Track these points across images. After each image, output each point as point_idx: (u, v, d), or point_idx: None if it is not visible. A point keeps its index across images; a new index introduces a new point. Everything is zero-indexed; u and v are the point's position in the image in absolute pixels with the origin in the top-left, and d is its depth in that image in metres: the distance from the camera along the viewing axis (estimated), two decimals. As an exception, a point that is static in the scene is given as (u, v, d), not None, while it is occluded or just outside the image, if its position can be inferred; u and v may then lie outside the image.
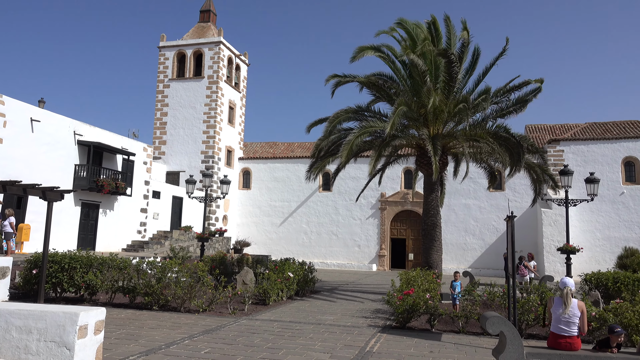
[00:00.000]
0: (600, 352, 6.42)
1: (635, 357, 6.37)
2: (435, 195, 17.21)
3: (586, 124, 32.11)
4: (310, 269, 16.81)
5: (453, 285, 12.84)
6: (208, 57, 33.50)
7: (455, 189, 30.59)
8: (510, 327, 6.49)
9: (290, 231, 34.17)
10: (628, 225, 27.89)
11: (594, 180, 16.48)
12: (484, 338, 9.64)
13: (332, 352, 8.12)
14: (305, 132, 18.29)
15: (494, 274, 28.08)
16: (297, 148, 36.73)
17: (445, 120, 16.63)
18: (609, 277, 13.91)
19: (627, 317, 9.02)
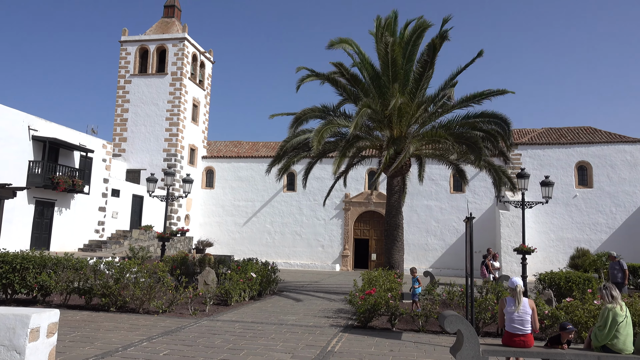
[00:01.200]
0: (552, 349, 6.67)
1: (584, 352, 6.65)
2: (398, 196, 17.46)
3: (542, 129, 33.30)
4: (274, 269, 16.75)
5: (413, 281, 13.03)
6: (172, 53, 32.89)
7: (417, 190, 31.14)
8: (467, 325, 6.66)
9: (254, 231, 33.95)
10: (580, 227, 29.09)
11: (548, 183, 17.08)
12: (443, 336, 9.85)
13: (294, 352, 8.12)
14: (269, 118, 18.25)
15: (454, 273, 28.73)
16: (262, 147, 36.53)
17: (409, 122, 16.90)
18: (562, 276, 14.46)
19: (577, 315, 9.40)
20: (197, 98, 34.77)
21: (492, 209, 30.57)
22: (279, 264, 31.32)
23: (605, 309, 6.61)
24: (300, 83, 17.56)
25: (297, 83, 17.57)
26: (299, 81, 17.54)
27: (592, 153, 29.54)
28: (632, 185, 28.69)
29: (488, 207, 30.70)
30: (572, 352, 6.55)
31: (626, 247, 27.15)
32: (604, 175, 29.21)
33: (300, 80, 17.51)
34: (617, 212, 28.75)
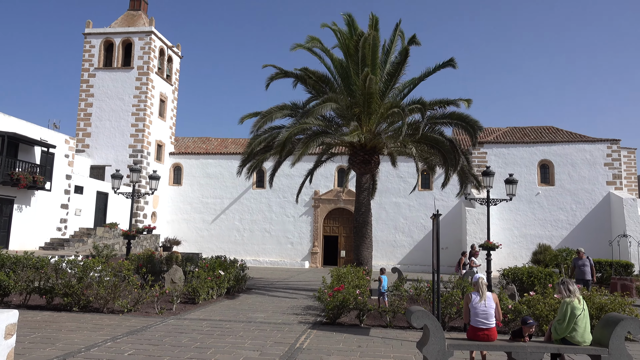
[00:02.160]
0: (514, 342, 6.86)
1: (544, 345, 6.86)
2: (367, 194, 17.59)
3: (507, 128, 34.16)
4: (242, 266, 16.64)
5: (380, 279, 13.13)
6: (138, 47, 32.16)
7: (386, 187, 31.49)
8: (433, 320, 6.77)
9: (223, 228, 33.62)
10: (542, 223, 30.00)
11: (512, 181, 17.53)
12: (410, 332, 10.00)
13: (262, 349, 8.09)
14: (238, 123, 18.07)
15: (421, 269, 29.17)
16: (231, 144, 36.18)
17: (378, 120, 17.03)
18: (524, 271, 14.89)
19: (538, 309, 9.69)
20: (165, 93, 34.13)
21: (458, 206, 31.17)
22: (248, 261, 31.13)
23: (564, 303, 6.84)
24: (269, 81, 17.47)
25: (266, 81, 17.48)
26: (268, 79, 17.45)
27: (554, 152, 30.47)
28: (591, 183, 29.76)
29: (455, 204, 31.29)
30: (533, 344, 6.76)
31: (585, 243, 28.13)
32: (565, 173, 30.19)
33: (270, 79, 17.43)
34: (577, 209, 29.77)
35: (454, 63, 16.29)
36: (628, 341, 9.11)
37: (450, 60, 16.38)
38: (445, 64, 16.52)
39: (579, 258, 14.98)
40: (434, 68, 16.83)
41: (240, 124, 18.14)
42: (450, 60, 16.39)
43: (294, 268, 30.90)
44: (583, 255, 15.07)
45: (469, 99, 16.56)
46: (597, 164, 29.87)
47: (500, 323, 7.04)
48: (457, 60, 16.41)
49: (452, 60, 16.33)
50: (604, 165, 29.78)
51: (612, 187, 29.47)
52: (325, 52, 17.31)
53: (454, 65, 16.34)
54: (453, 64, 16.32)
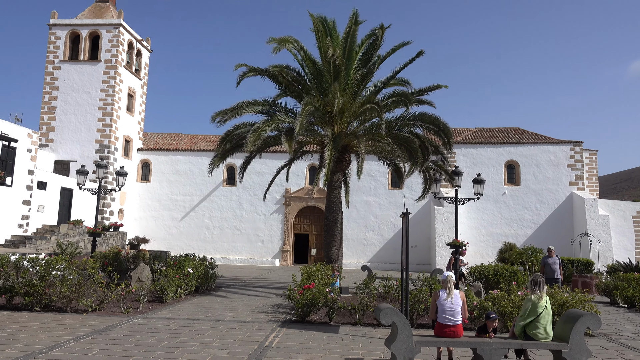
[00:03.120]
0: (479, 338, 7.01)
1: (508, 341, 7.04)
2: (338, 192, 17.65)
3: (475, 129, 34.84)
4: (212, 264, 16.46)
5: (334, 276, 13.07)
6: (106, 39, 31.36)
7: (357, 186, 31.66)
8: (401, 317, 6.86)
9: (192, 226, 33.17)
10: (508, 222, 30.74)
11: (480, 180, 17.90)
12: (379, 329, 10.09)
13: (231, 348, 8.02)
14: (210, 121, 17.83)
15: (391, 267, 29.48)
16: (201, 141, 35.73)
17: (350, 119, 17.11)
18: (490, 269, 15.23)
19: (503, 306, 9.93)
20: (133, 87, 33.41)
21: (428, 205, 31.62)
22: (217, 259, 30.80)
23: (528, 299, 7.03)
24: (240, 79, 17.27)
25: (237, 78, 17.27)
26: (239, 76, 17.24)
27: (520, 153, 31.25)
28: (555, 183, 30.66)
29: (424, 202, 31.71)
30: (497, 340, 6.92)
31: (548, 241, 28.94)
32: (530, 173, 31.00)
33: (241, 76, 17.23)
34: (541, 209, 30.62)
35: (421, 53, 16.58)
36: (587, 336, 9.42)
37: (419, 53, 16.65)
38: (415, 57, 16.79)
39: (549, 256, 14.88)
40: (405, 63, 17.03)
41: (213, 122, 17.92)
42: (419, 53, 16.66)
43: (265, 266, 30.76)
44: (553, 253, 14.99)
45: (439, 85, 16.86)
46: (560, 165, 30.79)
47: (467, 320, 7.18)
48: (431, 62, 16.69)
49: (420, 52, 16.61)
50: (567, 166, 30.72)
51: (575, 188, 30.43)
52: (299, 50, 17.25)
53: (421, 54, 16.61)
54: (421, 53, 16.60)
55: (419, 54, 16.59)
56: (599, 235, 28.01)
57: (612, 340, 9.64)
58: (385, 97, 16.54)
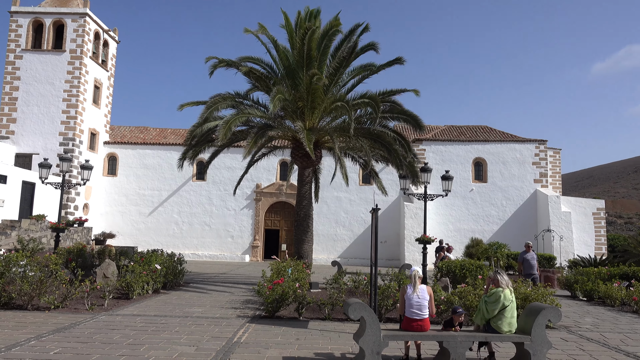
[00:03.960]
0: (446, 331, 7.15)
1: (473, 334, 7.20)
2: (308, 187, 17.65)
3: (445, 127, 35.39)
4: (180, 260, 16.23)
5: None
6: (71, 29, 30.41)
7: (328, 181, 31.71)
8: (369, 312, 6.92)
9: (160, 221, 32.62)
10: (475, 218, 31.39)
11: (448, 177, 18.20)
12: (348, 324, 10.15)
13: (198, 344, 7.93)
14: (178, 109, 17.50)
15: (361, 263, 29.73)
16: (170, 134, 35.12)
17: (321, 114, 17.10)
18: (457, 264, 15.51)
19: (469, 300, 10.15)
20: (99, 79, 32.53)
21: (397, 201, 31.98)
22: (186, 255, 30.43)
23: (497, 292, 7.21)
24: (212, 70, 17.06)
25: (209, 69, 17.05)
26: (210, 68, 17.03)
27: (487, 150, 31.92)
28: (520, 180, 31.46)
29: (394, 199, 32.07)
30: (463, 334, 7.07)
31: (513, 237, 29.77)
32: (497, 171, 31.72)
33: (212, 68, 17.01)
34: (507, 205, 31.38)
35: (402, 61, 16.62)
36: (549, 329, 9.72)
37: (398, 59, 16.71)
38: (393, 62, 16.83)
39: (527, 252, 14.67)
40: (381, 65, 17.07)
41: (180, 110, 17.61)
42: (397, 59, 16.72)
43: (234, 262, 30.54)
44: (530, 249, 14.79)
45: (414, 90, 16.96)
46: (526, 162, 31.60)
47: (434, 314, 7.30)
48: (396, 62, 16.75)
49: (399, 58, 16.68)
50: (532, 164, 31.56)
51: (539, 185, 31.30)
52: (272, 42, 17.12)
53: (401, 62, 16.67)
54: (400, 61, 16.66)
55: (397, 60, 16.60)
56: (561, 231, 28.91)
57: (572, 332, 9.98)
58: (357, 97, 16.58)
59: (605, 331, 10.25)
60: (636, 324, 11.34)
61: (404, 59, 16.61)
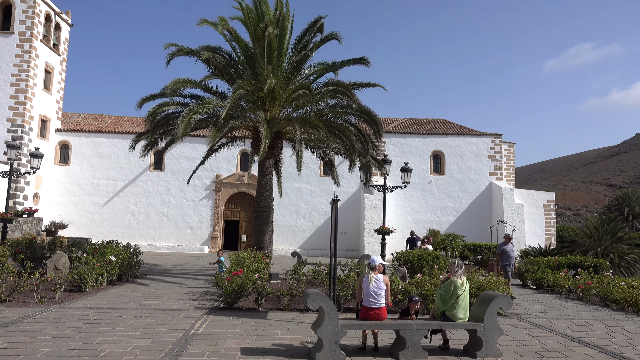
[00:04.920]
0: (402, 320, 7.30)
1: (428, 322, 7.38)
2: (269, 178, 17.55)
3: (405, 120, 35.92)
4: (136, 251, 15.85)
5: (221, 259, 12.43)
6: (20, 10, 28.92)
7: (289, 172, 31.64)
8: (328, 302, 6.97)
9: (116, 212, 31.71)
10: (433, 210, 32.11)
11: (407, 169, 18.53)
12: (307, 314, 10.21)
13: (154, 337, 7.79)
14: (136, 108, 16.97)
15: (321, 254, 29.90)
16: (127, 123, 34.09)
17: (282, 105, 16.99)
18: (415, 254, 15.84)
19: (425, 289, 10.40)
20: (51, 63, 31.13)
21: (358, 192, 32.29)
22: (143, 246, 29.76)
23: (451, 281, 7.41)
24: (170, 58, 16.61)
25: (167, 57, 16.59)
26: (169, 56, 16.57)
27: (445, 143, 32.64)
28: (476, 173, 32.37)
29: (355, 190, 32.37)
30: (418, 322, 7.24)
31: (469, 228, 30.67)
32: (454, 163, 32.50)
33: (171, 55, 16.57)
34: (463, 197, 32.24)
35: (367, 62, 16.61)
36: (500, 316, 10.08)
37: (362, 58, 16.71)
38: (357, 60, 16.82)
39: (505, 243, 14.68)
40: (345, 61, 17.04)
41: (139, 109, 17.09)
42: (362, 58, 16.73)
43: (193, 253, 30.10)
44: (510, 241, 14.83)
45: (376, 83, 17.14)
46: (482, 155, 32.52)
47: (391, 303, 7.44)
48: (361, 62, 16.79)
49: (363, 58, 16.67)
50: (487, 157, 32.51)
51: (494, 178, 32.30)
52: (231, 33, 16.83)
53: (366, 63, 16.64)
54: (365, 62, 16.64)
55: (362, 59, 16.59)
56: (514, 223, 29.97)
57: (522, 319, 10.40)
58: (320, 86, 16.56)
59: (553, 318, 10.73)
60: (581, 310, 11.93)
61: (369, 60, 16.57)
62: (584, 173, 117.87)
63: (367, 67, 16.79)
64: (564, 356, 7.49)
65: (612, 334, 9.34)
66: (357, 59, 16.79)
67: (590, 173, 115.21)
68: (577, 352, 7.75)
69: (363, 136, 17.67)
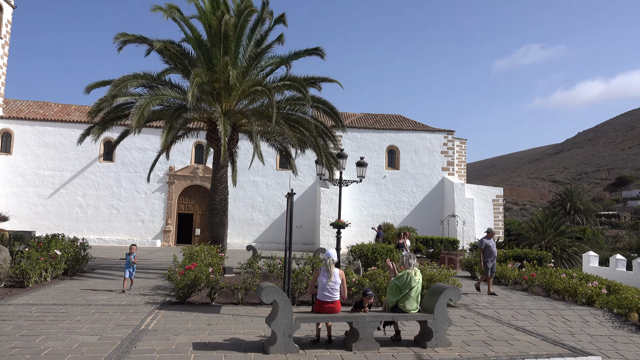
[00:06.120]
0: (355, 312, 7.38)
1: (381, 314, 7.51)
2: (225, 171, 17.31)
3: (361, 114, 36.26)
4: (84, 245, 15.28)
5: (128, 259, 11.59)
6: (-44, -12, 27.08)
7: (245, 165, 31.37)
8: (282, 295, 6.96)
9: (62, 204, 30.40)
10: (387, 204, 32.65)
11: (363, 164, 18.70)
12: (261, 308, 10.16)
13: (102, 333, 7.54)
14: (84, 93, 16.27)
15: (277, 247, 29.81)
16: (75, 111, 32.69)
17: (238, 97, 16.76)
18: (369, 248, 16.08)
19: (379, 282, 10.56)
20: (-9, 47, 29.36)
21: (314, 186, 32.37)
22: (91, 240, 28.75)
23: (405, 273, 7.55)
24: (121, 45, 16.01)
25: (118, 45, 15.97)
26: (120, 43, 15.97)
27: (400, 139, 33.20)
28: (430, 168, 33.14)
29: (311, 184, 32.43)
30: (371, 314, 7.34)
31: (422, 222, 31.39)
32: (408, 159, 33.13)
33: (122, 43, 15.97)
34: (417, 192, 32.96)
35: (322, 53, 16.66)
36: (450, 307, 10.39)
37: (317, 49, 16.75)
38: (312, 51, 16.83)
39: (488, 238, 14.01)
40: (300, 52, 17.00)
41: (87, 94, 16.38)
42: (316, 48, 16.77)
43: (145, 247, 29.33)
44: (492, 235, 14.18)
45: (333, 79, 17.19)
46: (435, 151, 33.31)
47: (345, 297, 7.51)
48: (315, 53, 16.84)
49: (318, 49, 16.72)
50: (440, 153, 33.34)
51: (446, 173, 33.17)
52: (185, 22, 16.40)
53: (321, 55, 16.70)
54: (320, 53, 16.69)
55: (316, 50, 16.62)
56: (464, 217, 30.92)
57: (470, 310, 10.76)
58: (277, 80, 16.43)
59: (499, 308, 11.16)
60: (525, 300, 12.47)
61: (324, 51, 16.65)
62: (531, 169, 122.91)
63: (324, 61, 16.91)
64: (509, 344, 7.81)
65: (553, 322, 9.82)
66: (312, 50, 16.81)
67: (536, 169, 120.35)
68: (521, 341, 8.10)
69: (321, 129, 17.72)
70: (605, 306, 11.37)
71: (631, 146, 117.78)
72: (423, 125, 34.41)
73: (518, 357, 7.05)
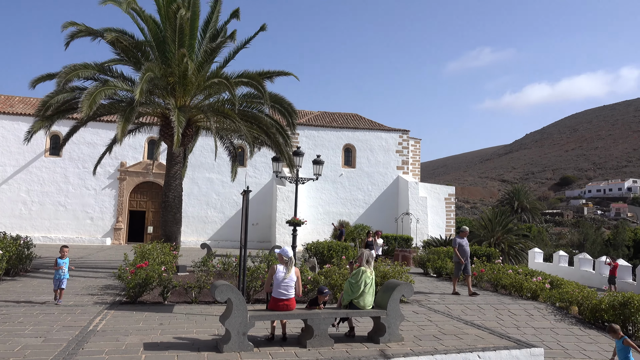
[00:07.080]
0: (310, 309, 7.42)
1: (335, 311, 7.58)
2: (178, 167, 16.95)
3: (318, 112, 36.39)
4: (28, 243, 14.58)
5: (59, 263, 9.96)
6: None
7: (200, 162, 30.86)
8: (236, 294, 6.90)
9: (4, 201, 28.89)
10: (343, 202, 32.94)
11: (319, 162, 18.78)
12: (215, 306, 10.03)
13: (47, 335, 7.24)
14: (29, 88, 15.49)
15: (232, 245, 29.49)
16: (19, 103, 31.12)
17: (194, 92, 16.44)
18: (325, 245, 16.18)
19: (334, 279, 10.65)
20: None
21: (270, 183, 32.23)
22: (36, 238, 27.48)
23: (360, 271, 7.65)
24: (70, 39, 15.31)
25: (66, 39, 15.26)
26: (68, 37, 15.27)
27: (356, 137, 33.56)
28: (385, 167, 33.68)
29: (267, 181, 32.27)
30: (326, 311, 7.40)
31: (377, 219, 31.86)
32: (364, 157, 33.54)
33: (70, 37, 15.29)
34: (372, 190, 33.42)
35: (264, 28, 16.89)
36: (403, 303, 10.62)
37: (262, 26, 16.91)
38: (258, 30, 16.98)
39: (462, 237, 13.72)
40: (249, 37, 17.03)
41: (32, 88, 15.60)
42: (262, 26, 16.92)
43: (94, 245, 28.32)
44: (465, 235, 13.90)
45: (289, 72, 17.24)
46: (390, 150, 33.88)
47: (300, 294, 7.53)
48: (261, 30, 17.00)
49: (263, 26, 16.91)
50: (395, 152, 33.93)
51: (401, 172, 33.81)
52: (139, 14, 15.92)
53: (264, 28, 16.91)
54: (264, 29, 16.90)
55: (262, 28, 16.77)
56: (418, 214, 31.62)
57: (422, 306, 11.03)
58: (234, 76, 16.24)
59: (450, 303, 11.51)
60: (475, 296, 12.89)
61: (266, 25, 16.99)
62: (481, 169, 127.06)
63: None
64: (458, 338, 8.07)
65: (500, 316, 10.23)
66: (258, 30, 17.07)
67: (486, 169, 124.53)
68: (470, 334, 8.38)
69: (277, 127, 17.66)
70: (549, 300, 11.94)
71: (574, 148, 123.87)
72: (379, 125, 34.91)
73: (466, 350, 7.29)
